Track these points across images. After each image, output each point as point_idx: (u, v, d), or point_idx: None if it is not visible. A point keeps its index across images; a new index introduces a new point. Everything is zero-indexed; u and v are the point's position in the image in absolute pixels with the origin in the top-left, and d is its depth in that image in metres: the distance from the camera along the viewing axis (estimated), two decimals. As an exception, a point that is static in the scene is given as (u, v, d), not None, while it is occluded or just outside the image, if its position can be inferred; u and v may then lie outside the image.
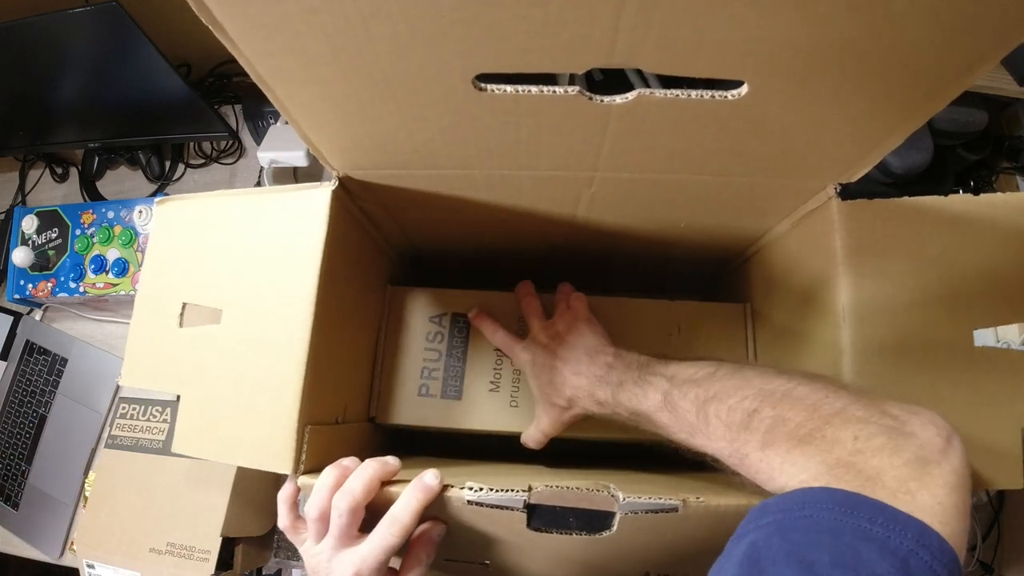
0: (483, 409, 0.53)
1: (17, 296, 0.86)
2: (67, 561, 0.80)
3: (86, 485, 0.81)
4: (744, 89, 0.29)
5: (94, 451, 0.83)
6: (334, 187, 0.40)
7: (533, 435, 0.50)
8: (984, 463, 0.37)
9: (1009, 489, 0.38)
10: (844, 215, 0.40)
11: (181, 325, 0.42)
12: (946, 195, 0.40)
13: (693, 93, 0.30)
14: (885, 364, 0.39)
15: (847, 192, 0.41)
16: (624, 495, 0.35)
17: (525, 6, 0.24)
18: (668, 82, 0.30)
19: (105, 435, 0.80)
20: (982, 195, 0.41)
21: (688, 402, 0.37)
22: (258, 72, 0.29)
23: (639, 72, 0.52)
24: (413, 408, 0.53)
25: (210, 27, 0.26)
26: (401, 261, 0.62)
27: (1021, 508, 0.64)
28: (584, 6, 0.24)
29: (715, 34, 0.25)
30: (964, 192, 0.69)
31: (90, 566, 0.67)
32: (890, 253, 0.40)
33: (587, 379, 0.45)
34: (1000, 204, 0.40)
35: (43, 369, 0.88)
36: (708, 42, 0.26)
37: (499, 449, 0.54)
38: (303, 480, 0.37)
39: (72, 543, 0.80)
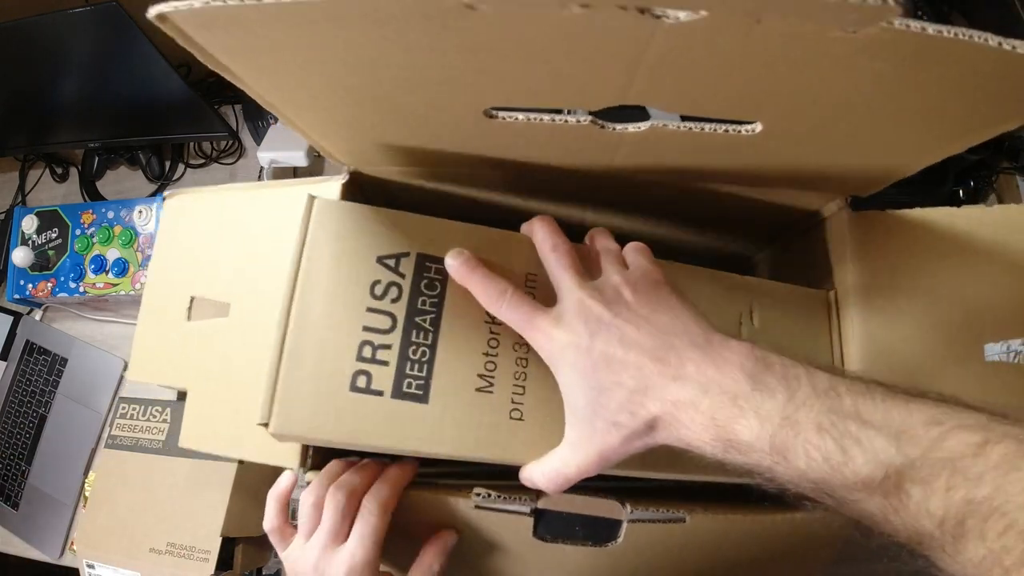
0: (463, 422, 0.32)
1: (17, 296, 0.86)
2: (67, 561, 0.80)
3: (86, 485, 0.81)
4: (758, 127, 0.29)
5: (94, 451, 0.83)
6: (344, 181, 0.40)
7: (556, 470, 0.29)
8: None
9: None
10: (855, 227, 0.40)
11: (189, 319, 0.42)
12: (946, 195, 0.40)
13: (707, 126, 0.30)
14: (895, 378, 0.38)
15: (855, 199, 0.40)
16: (632, 506, 0.34)
17: (535, 63, 0.24)
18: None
19: (105, 435, 0.80)
20: (995, 207, 0.40)
21: (933, 497, 0.22)
22: (267, 100, 0.30)
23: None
24: (340, 412, 0.31)
25: (217, 71, 0.26)
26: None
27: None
28: (596, 66, 0.24)
29: (732, 88, 0.25)
30: (964, 192, 0.69)
31: (90, 566, 0.67)
32: (901, 267, 0.39)
33: (705, 394, 0.26)
34: (1013, 216, 0.40)
35: (43, 369, 0.88)
36: (722, 95, 0.26)
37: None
38: (311, 477, 0.37)
39: (72, 543, 0.80)
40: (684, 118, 0.30)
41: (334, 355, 0.32)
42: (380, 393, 0.32)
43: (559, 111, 0.30)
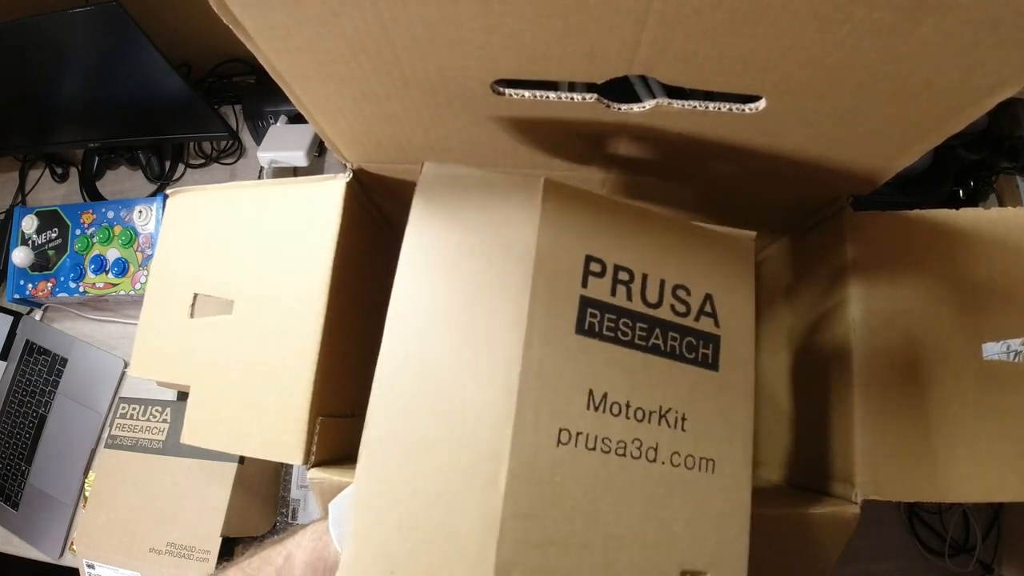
0: None
1: (17, 296, 0.86)
2: (67, 561, 0.80)
3: (86, 485, 0.81)
4: (762, 104, 0.29)
5: (94, 451, 0.83)
6: (348, 179, 0.40)
7: None
8: (991, 475, 0.37)
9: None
10: (855, 227, 0.40)
11: (192, 316, 0.42)
12: (946, 195, 0.40)
13: (711, 105, 0.30)
14: (894, 377, 0.38)
15: (856, 199, 0.40)
16: None
17: (546, 17, 0.24)
18: (681, 90, 0.30)
19: (105, 435, 0.80)
20: (992, 209, 0.40)
21: None
22: (277, 69, 0.30)
23: (643, 77, 0.51)
24: None
25: (231, 27, 0.26)
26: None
27: (1021, 508, 0.64)
28: (605, 20, 0.24)
29: (736, 51, 0.25)
30: (964, 192, 0.69)
31: (90, 566, 0.67)
32: (901, 266, 0.39)
33: None
34: (1011, 219, 0.40)
35: (43, 369, 0.88)
36: (728, 58, 0.26)
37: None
38: (314, 474, 0.37)
39: (72, 543, 0.79)
40: (689, 95, 0.30)
41: None
42: None
43: (565, 89, 0.30)
